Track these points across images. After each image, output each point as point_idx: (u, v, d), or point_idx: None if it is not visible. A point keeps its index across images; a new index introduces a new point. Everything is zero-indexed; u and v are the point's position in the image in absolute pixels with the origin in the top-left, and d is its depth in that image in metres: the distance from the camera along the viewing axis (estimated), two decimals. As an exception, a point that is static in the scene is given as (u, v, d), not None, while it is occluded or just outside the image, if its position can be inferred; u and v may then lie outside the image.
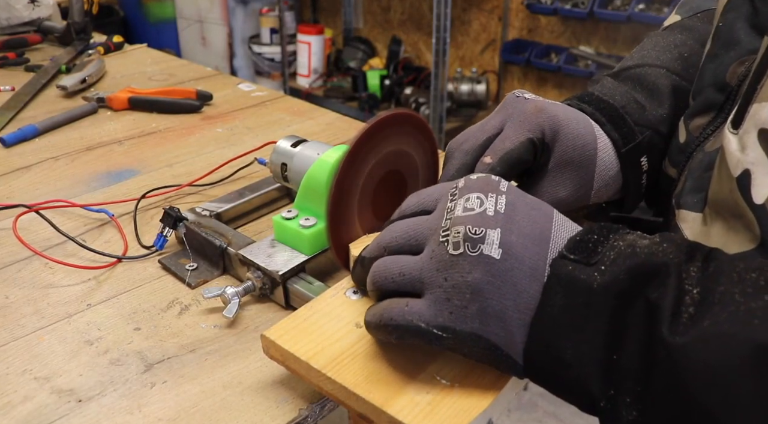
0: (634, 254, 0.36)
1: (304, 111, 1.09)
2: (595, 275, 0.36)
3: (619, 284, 0.35)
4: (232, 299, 0.57)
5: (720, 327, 0.32)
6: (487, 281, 0.37)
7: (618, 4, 2.24)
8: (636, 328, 0.34)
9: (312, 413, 0.48)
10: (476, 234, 0.38)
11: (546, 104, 0.51)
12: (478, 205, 0.40)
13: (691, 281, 0.34)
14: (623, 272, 0.35)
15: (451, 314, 0.38)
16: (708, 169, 0.46)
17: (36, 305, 0.60)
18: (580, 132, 0.51)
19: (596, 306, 0.36)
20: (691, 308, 0.33)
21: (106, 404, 0.49)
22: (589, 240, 0.38)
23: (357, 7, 3.14)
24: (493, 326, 0.38)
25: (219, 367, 0.52)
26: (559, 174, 0.51)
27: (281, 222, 0.60)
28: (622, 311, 0.35)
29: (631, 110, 0.53)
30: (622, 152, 0.52)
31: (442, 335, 0.38)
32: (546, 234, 0.39)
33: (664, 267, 0.35)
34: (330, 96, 2.87)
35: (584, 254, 0.37)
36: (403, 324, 0.39)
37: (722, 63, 0.49)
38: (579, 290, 0.36)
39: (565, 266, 0.37)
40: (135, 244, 0.68)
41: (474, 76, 2.61)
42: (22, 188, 0.82)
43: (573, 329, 0.36)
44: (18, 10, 1.45)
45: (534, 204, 0.41)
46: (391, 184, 0.57)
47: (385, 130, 0.54)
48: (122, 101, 1.07)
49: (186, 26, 3.33)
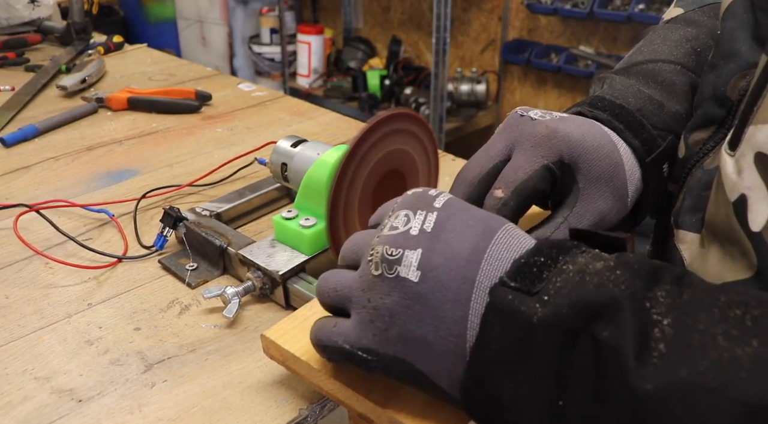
0: (581, 284, 0.32)
1: (304, 111, 1.09)
2: (536, 306, 0.32)
3: (562, 319, 0.31)
4: (232, 299, 0.57)
5: (701, 379, 0.27)
6: (405, 304, 0.35)
7: (618, 4, 2.24)
8: (586, 371, 0.30)
9: (312, 413, 0.48)
10: (392, 255, 0.36)
11: (557, 124, 0.47)
12: (403, 224, 0.37)
13: (660, 308, 0.30)
14: (567, 306, 0.31)
15: (374, 335, 0.37)
16: (707, 188, 0.43)
17: (36, 305, 0.60)
18: (600, 142, 0.47)
19: (537, 344, 0.31)
20: (662, 345, 0.28)
21: (106, 404, 0.49)
22: (535, 263, 0.34)
23: (357, 7, 3.14)
24: (415, 352, 0.35)
25: (219, 367, 0.52)
26: (595, 189, 0.46)
27: (281, 222, 0.60)
28: (567, 350, 0.30)
29: (648, 112, 0.50)
30: (646, 162, 0.48)
31: (368, 357, 0.37)
32: (478, 255, 0.35)
33: (613, 301, 0.30)
34: (330, 96, 2.87)
35: (527, 280, 0.33)
36: (330, 345, 0.39)
37: (721, 75, 0.46)
38: (518, 324, 0.32)
39: (505, 294, 0.33)
40: (135, 244, 0.68)
41: (474, 76, 2.61)
42: (22, 188, 0.82)
43: (512, 369, 0.32)
44: (18, 10, 1.45)
45: (473, 221, 0.37)
46: (391, 184, 0.57)
47: (385, 130, 0.54)
48: (121, 101, 1.07)
49: (186, 26, 3.32)
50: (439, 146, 0.57)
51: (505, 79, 2.69)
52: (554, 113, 0.49)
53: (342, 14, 3.16)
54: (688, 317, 0.29)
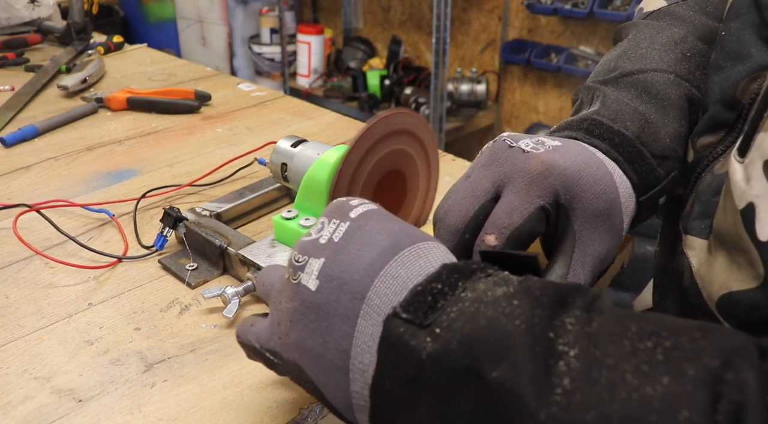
0: (475, 316, 0.29)
1: (304, 111, 1.09)
2: (427, 340, 0.29)
3: (450, 356, 0.28)
4: (232, 299, 0.57)
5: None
6: (301, 312, 0.35)
7: (618, 4, 2.24)
8: (478, 414, 0.27)
9: (312, 413, 0.48)
10: (298, 262, 0.36)
11: (552, 157, 0.43)
12: (317, 231, 0.37)
13: (567, 337, 0.27)
14: (456, 341, 0.28)
15: (279, 339, 0.37)
16: (716, 193, 0.42)
17: (36, 305, 0.60)
18: (596, 177, 0.43)
19: (426, 382, 0.29)
20: (566, 380, 0.26)
21: (106, 404, 0.49)
22: (431, 291, 0.31)
23: (357, 7, 3.14)
24: (308, 361, 0.35)
25: (219, 367, 0.52)
26: (592, 230, 0.43)
27: (281, 222, 0.60)
28: (457, 389, 0.28)
29: (646, 139, 0.46)
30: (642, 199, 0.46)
31: (274, 359, 0.38)
32: (373, 271, 0.33)
33: (505, 337, 0.27)
34: (330, 96, 2.87)
35: (420, 311, 0.31)
36: (245, 342, 0.40)
37: (729, 78, 0.44)
38: (408, 360, 0.30)
39: (397, 327, 0.31)
40: (135, 244, 0.68)
41: (474, 76, 2.61)
42: (22, 188, 0.82)
43: (405, 406, 0.30)
44: (18, 10, 1.45)
45: (383, 235, 0.35)
46: (392, 183, 0.57)
47: (385, 130, 0.54)
48: (121, 101, 1.07)
49: (186, 26, 3.32)
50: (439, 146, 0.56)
51: (505, 79, 2.69)
52: (546, 141, 0.45)
53: (342, 14, 3.16)
54: (597, 349, 0.27)
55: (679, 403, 0.24)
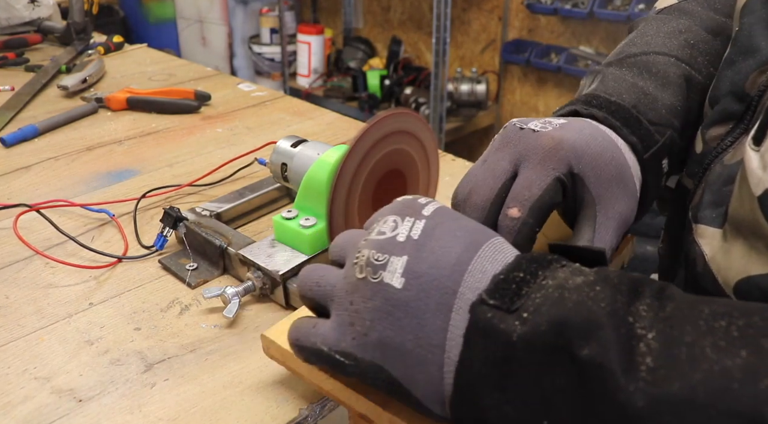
0: (560, 301, 0.31)
1: (304, 111, 1.09)
2: (516, 324, 0.31)
3: (541, 337, 0.30)
4: (232, 299, 0.57)
5: (694, 393, 0.27)
6: (386, 310, 0.35)
7: (618, 4, 2.24)
8: (571, 390, 0.29)
9: (312, 413, 0.48)
10: (378, 260, 0.36)
11: (561, 133, 0.45)
12: (391, 230, 0.37)
13: (643, 322, 0.30)
14: (546, 323, 0.31)
15: (353, 339, 0.36)
16: (727, 183, 0.42)
17: (36, 305, 0.60)
18: (604, 146, 0.46)
19: (517, 362, 0.31)
20: (648, 359, 0.28)
21: (106, 403, 0.49)
22: (514, 279, 0.33)
23: (357, 7, 3.14)
24: (393, 359, 0.35)
25: (219, 367, 0.52)
26: (609, 194, 0.45)
27: (281, 222, 0.60)
28: (549, 369, 0.30)
29: (643, 108, 0.49)
30: (644, 158, 0.48)
31: (345, 361, 0.36)
32: (462, 266, 0.35)
33: (593, 319, 0.30)
34: (330, 96, 2.87)
35: (506, 297, 0.33)
36: (307, 346, 0.38)
37: (740, 71, 0.45)
38: (498, 343, 0.32)
39: (484, 312, 0.33)
40: (135, 244, 0.68)
41: (474, 76, 2.61)
42: (22, 188, 0.82)
43: (495, 387, 0.32)
44: (18, 10, 1.45)
45: (460, 232, 0.37)
46: (392, 183, 0.57)
47: (385, 130, 0.54)
48: (120, 101, 1.07)
49: (186, 26, 3.32)
50: (439, 146, 0.57)
51: (505, 79, 2.69)
52: (552, 121, 0.47)
53: (342, 14, 3.16)
54: (674, 330, 0.29)
55: (759, 373, 0.26)
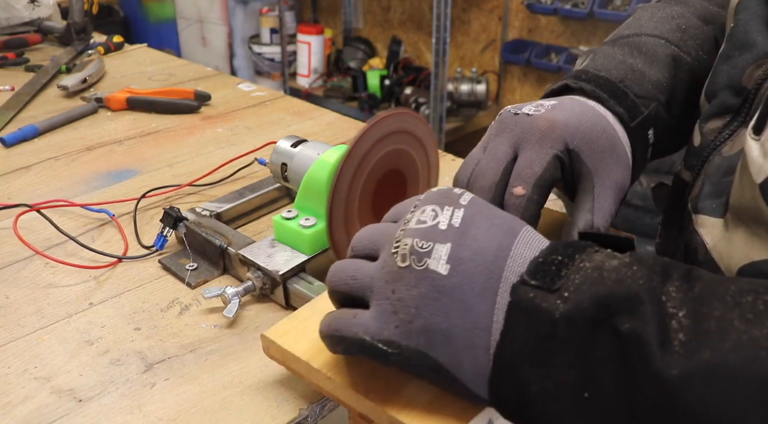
0: (600, 280, 0.33)
1: (304, 111, 1.09)
2: (557, 303, 0.33)
3: (583, 314, 0.32)
4: (232, 299, 0.57)
5: (724, 360, 0.29)
6: (432, 297, 0.35)
7: (618, 4, 2.24)
8: (610, 362, 0.31)
9: (312, 413, 0.48)
10: (423, 248, 0.36)
11: (553, 115, 0.48)
12: (431, 218, 0.38)
13: (674, 302, 0.31)
14: (588, 300, 0.32)
15: (396, 327, 0.36)
16: (727, 173, 0.44)
17: (36, 305, 0.60)
18: (594, 121, 0.49)
19: (560, 338, 0.33)
20: (681, 335, 0.30)
21: (106, 403, 0.49)
22: (552, 262, 0.35)
23: (357, 7, 3.14)
24: (439, 345, 0.36)
25: (219, 367, 0.52)
26: (603, 165, 0.48)
27: (281, 222, 0.60)
28: (590, 343, 0.32)
29: (630, 82, 0.52)
30: (631, 126, 0.50)
31: (388, 350, 0.36)
32: (504, 252, 0.36)
33: (633, 295, 0.32)
34: (330, 96, 2.87)
35: (546, 278, 0.34)
36: (348, 336, 0.38)
37: (736, 65, 0.47)
38: (540, 321, 0.33)
39: (525, 293, 0.34)
40: (135, 244, 0.68)
41: (474, 76, 2.61)
42: (22, 188, 0.82)
43: (537, 363, 0.33)
44: (18, 10, 1.45)
45: (498, 220, 0.38)
46: (392, 183, 0.57)
47: (385, 130, 0.54)
48: (120, 101, 1.07)
49: (186, 26, 3.32)
50: (439, 146, 0.57)
51: (505, 79, 2.69)
52: (544, 103, 0.50)
53: (342, 14, 3.16)
54: (702, 307, 0.31)
55: None
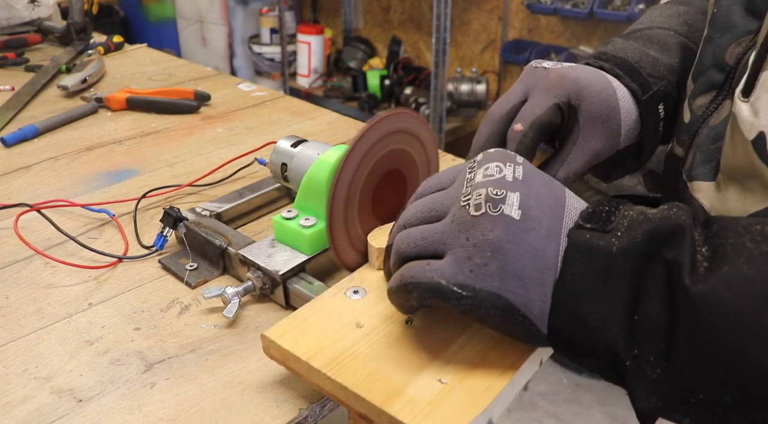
0: (647, 220, 0.38)
1: (304, 111, 1.09)
2: (612, 241, 0.38)
3: (637, 247, 0.37)
4: (232, 299, 0.57)
5: (739, 270, 0.34)
6: (507, 239, 0.39)
7: (618, 4, 2.24)
8: (655, 286, 0.36)
9: (312, 413, 0.48)
10: (497, 195, 0.40)
11: (566, 70, 0.54)
12: (497, 172, 0.42)
13: (699, 241, 0.37)
14: (640, 236, 0.37)
15: (471, 271, 0.39)
16: (715, 141, 0.49)
17: (36, 305, 0.60)
18: (602, 88, 0.54)
19: (616, 270, 0.37)
20: (705, 263, 0.35)
21: (106, 403, 0.49)
22: (602, 211, 0.40)
23: (357, 7, 3.14)
24: (513, 285, 0.39)
25: (219, 367, 0.52)
26: (592, 129, 0.54)
27: (281, 222, 0.60)
28: (641, 272, 0.37)
29: (644, 64, 0.57)
30: (642, 100, 0.55)
31: (462, 292, 0.39)
32: (561, 202, 0.41)
33: (678, 228, 0.37)
34: (330, 96, 2.86)
35: (599, 223, 0.39)
36: (423, 281, 0.40)
37: (719, 45, 0.52)
38: (598, 256, 0.38)
39: (582, 234, 0.39)
40: (135, 244, 0.68)
41: (474, 76, 2.61)
42: (22, 188, 0.82)
43: (596, 294, 0.38)
44: (18, 10, 1.45)
45: (547, 178, 0.43)
46: (392, 183, 0.57)
47: (385, 130, 0.54)
48: (120, 101, 1.07)
49: (186, 26, 3.32)
50: (439, 146, 0.57)
51: (505, 79, 2.69)
52: (564, 64, 0.56)
53: (342, 14, 3.16)
54: (719, 239, 0.36)
55: None
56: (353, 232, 0.55)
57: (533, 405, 1.95)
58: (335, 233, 0.53)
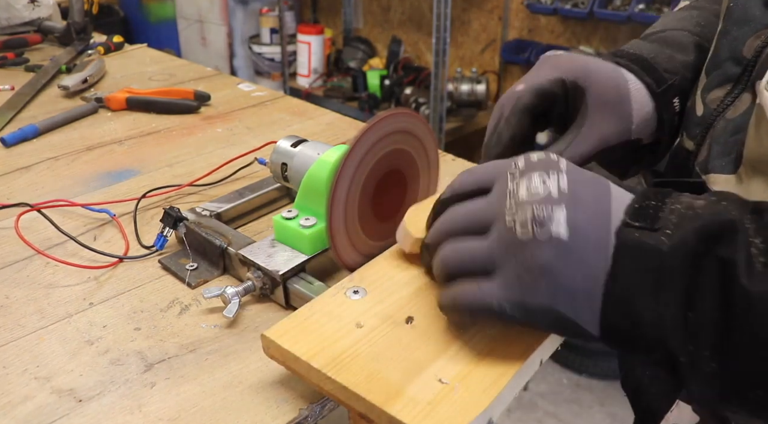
0: (697, 216, 0.38)
1: (304, 111, 1.09)
2: (662, 239, 0.38)
3: (689, 245, 0.37)
4: (232, 299, 0.57)
5: None
6: (555, 260, 0.39)
7: (618, 4, 2.24)
8: (711, 284, 0.36)
9: (312, 413, 0.48)
10: (543, 215, 0.39)
11: (576, 55, 0.56)
12: (542, 185, 0.41)
13: (751, 232, 0.36)
14: (691, 233, 0.37)
15: (522, 290, 0.40)
16: (734, 133, 0.49)
17: (36, 305, 0.60)
18: (611, 74, 0.54)
19: (669, 268, 0.37)
20: (761, 258, 0.35)
21: (106, 403, 0.49)
22: (648, 206, 0.40)
23: (357, 7, 3.14)
24: (563, 299, 0.39)
25: (219, 367, 0.52)
26: (600, 113, 0.54)
27: (281, 222, 0.60)
28: (695, 270, 0.36)
29: (660, 60, 0.57)
30: (657, 92, 0.55)
31: (515, 311, 0.40)
32: (606, 206, 0.41)
33: (730, 224, 0.36)
34: (330, 96, 2.86)
35: (647, 220, 0.39)
36: (476, 303, 0.41)
37: (737, 38, 0.52)
38: (650, 255, 0.38)
39: (632, 233, 0.39)
40: (136, 244, 0.68)
41: (474, 76, 2.61)
42: (22, 188, 0.82)
43: (649, 292, 0.38)
44: (18, 10, 1.45)
45: (591, 178, 0.43)
46: (392, 183, 0.57)
47: (385, 130, 0.54)
48: (120, 101, 1.07)
49: (186, 26, 3.32)
50: (439, 146, 0.57)
51: (505, 79, 2.69)
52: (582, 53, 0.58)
53: (342, 14, 3.16)
54: None
55: None
56: (353, 232, 0.55)
57: (533, 405, 1.95)
58: (335, 232, 0.54)
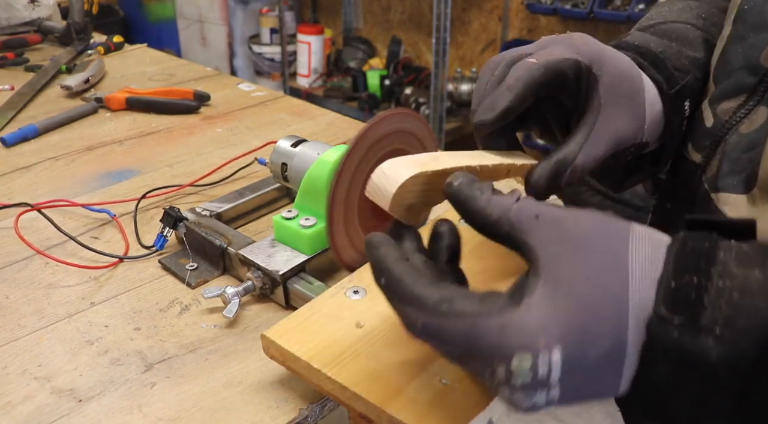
0: (755, 310, 0.29)
1: (304, 111, 1.09)
2: (709, 343, 0.29)
3: (744, 356, 0.29)
4: (232, 299, 0.57)
5: None
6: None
7: (618, 4, 2.24)
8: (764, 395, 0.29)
9: (312, 413, 0.48)
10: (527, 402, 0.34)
11: (592, 39, 0.49)
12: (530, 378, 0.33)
13: None
14: (747, 341, 0.29)
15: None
16: (747, 150, 0.45)
17: (36, 305, 0.60)
18: (625, 66, 0.48)
19: (717, 380, 0.30)
20: None
21: (106, 403, 0.49)
22: (688, 285, 0.30)
23: (357, 7, 3.14)
24: (579, 381, 0.33)
25: (219, 367, 0.52)
26: (614, 108, 0.47)
27: (281, 222, 0.60)
28: (751, 382, 0.29)
29: (669, 55, 0.52)
30: (670, 93, 0.50)
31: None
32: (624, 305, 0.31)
33: None
34: (330, 96, 2.86)
35: (688, 312, 0.30)
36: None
37: (753, 45, 0.47)
38: (692, 364, 0.30)
39: (667, 330, 0.30)
40: (136, 244, 0.68)
41: (474, 76, 2.61)
42: (22, 188, 0.82)
43: (691, 403, 0.31)
44: (18, 10, 1.45)
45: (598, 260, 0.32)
46: (391, 184, 0.57)
47: (385, 130, 0.54)
48: (120, 102, 1.07)
49: (186, 26, 3.32)
50: (439, 146, 0.57)
51: (505, 79, 2.69)
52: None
53: (342, 14, 3.16)
54: None
55: None
56: (353, 232, 0.55)
57: (533, 405, 1.95)
58: (335, 233, 0.53)
